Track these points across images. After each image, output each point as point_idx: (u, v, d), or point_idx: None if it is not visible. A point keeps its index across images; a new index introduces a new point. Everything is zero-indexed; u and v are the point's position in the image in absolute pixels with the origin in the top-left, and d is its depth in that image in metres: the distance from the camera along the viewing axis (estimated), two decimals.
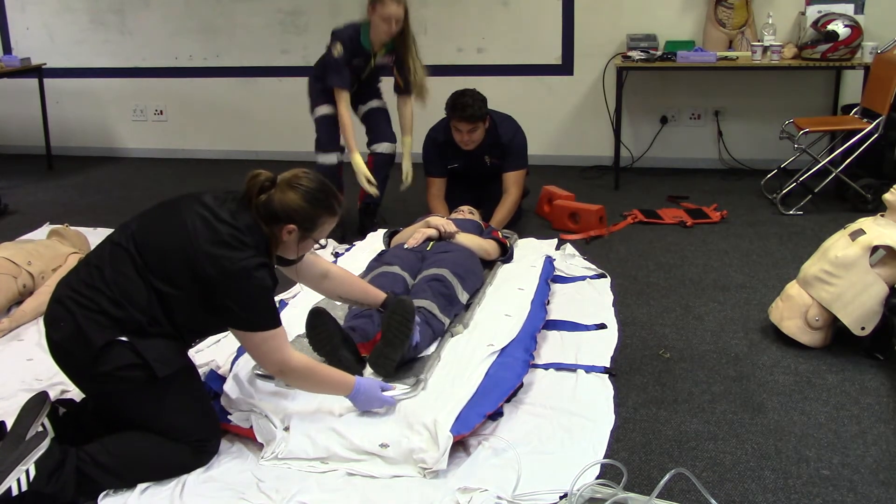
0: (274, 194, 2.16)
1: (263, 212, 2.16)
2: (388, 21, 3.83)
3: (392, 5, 3.81)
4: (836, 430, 2.36)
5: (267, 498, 2.07)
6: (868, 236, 2.75)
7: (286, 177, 2.20)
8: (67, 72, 6.34)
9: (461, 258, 3.14)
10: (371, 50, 4.01)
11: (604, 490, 2.02)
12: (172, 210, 2.19)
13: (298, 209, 2.17)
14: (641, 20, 5.39)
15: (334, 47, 3.94)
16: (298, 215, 2.17)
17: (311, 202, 2.19)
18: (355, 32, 3.98)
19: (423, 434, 2.18)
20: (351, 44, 3.96)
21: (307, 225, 2.21)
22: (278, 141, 6.13)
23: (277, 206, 2.15)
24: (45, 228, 4.39)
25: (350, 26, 4.00)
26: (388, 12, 3.81)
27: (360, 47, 3.99)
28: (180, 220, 2.13)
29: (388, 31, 3.87)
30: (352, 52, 3.97)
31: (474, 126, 3.97)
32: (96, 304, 2.08)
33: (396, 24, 3.85)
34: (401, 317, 2.44)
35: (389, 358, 2.44)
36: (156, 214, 2.22)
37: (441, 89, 4.13)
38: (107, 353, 2.06)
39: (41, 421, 2.13)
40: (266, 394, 2.40)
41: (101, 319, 2.07)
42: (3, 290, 3.22)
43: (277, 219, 2.16)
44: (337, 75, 3.96)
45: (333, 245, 4.08)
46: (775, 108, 5.30)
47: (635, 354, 2.87)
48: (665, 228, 4.30)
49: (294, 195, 2.17)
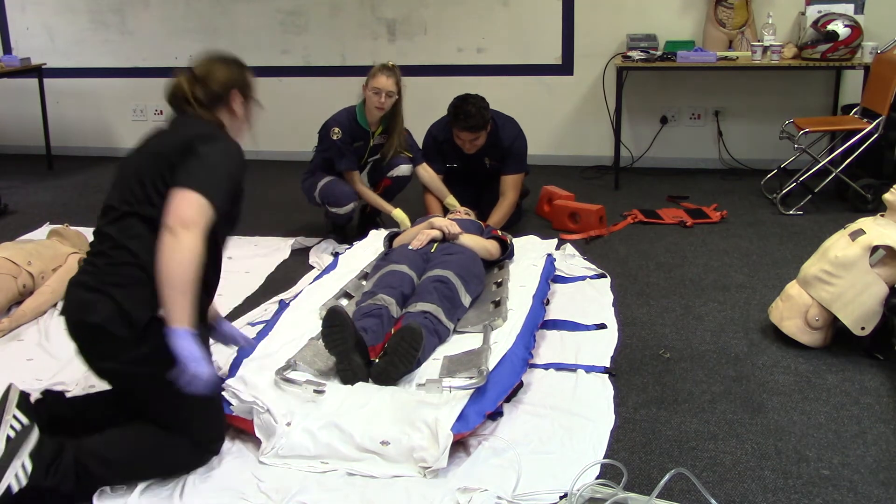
0: (205, 80, 2.23)
1: (206, 101, 2.23)
2: (378, 94, 3.88)
3: (381, 78, 3.88)
4: (836, 430, 2.36)
5: (267, 498, 2.07)
6: (868, 236, 2.75)
7: (198, 66, 2.27)
8: (67, 72, 6.34)
9: (465, 261, 3.15)
10: (369, 129, 4.04)
11: (604, 490, 2.02)
12: (129, 162, 2.23)
13: (233, 76, 2.27)
14: (641, 20, 5.39)
15: (332, 133, 3.97)
16: (236, 82, 2.27)
17: (237, 66, 2.31)
18: (350, 113, 4.04)
19: (424, 432, 2.18)
20: (349, 123, 4.00)
21: (246, 88, 2.32)
22: (278, 141, 6.12)
23: (215, 85, 2.23)
24: (45, 228, 4.39)
25: (344, 110, 4.05)
26: (378, 84, 3.87)
27: (357, 126, 4.02)
28: (140, 157, 2.19)
29: (378, 103, 3.90)
30: (350, 133, 4.00)
31: (476, 135, 3.97)
32: (127, 276, 2.02)
33: (387, 96, 3.89)
34: (408, 345, 2.51)
35: (391, 377, 2.50)
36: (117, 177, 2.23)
37: (441, 89, 4.14)
38: (148, 331, 2.00)
39: (11, 413, 2.04)
40: (269, 389, 2.39)
41: (138, 293, 2.01)
42: (3, 290, 3.22)
43: (219, 98, 2.24)
44: (343, 159, 3.98)
45: (334, 245, 4.09)
46: (775, 108, 5.30)
47: (635, 354, 2.87)
48: (665, 228, 4.30)
49: (221, 69, 2.26)
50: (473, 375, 2.41)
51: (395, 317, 2.80)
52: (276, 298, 3.42)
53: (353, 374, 2.47)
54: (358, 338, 2.55)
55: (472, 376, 2.41)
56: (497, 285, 3.25)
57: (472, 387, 2.36)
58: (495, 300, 3.08)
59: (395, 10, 5.78)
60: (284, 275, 3.78)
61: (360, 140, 4.06)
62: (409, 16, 5.77)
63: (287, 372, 2.45)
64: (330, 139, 3.99)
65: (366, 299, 2.89)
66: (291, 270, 3.83)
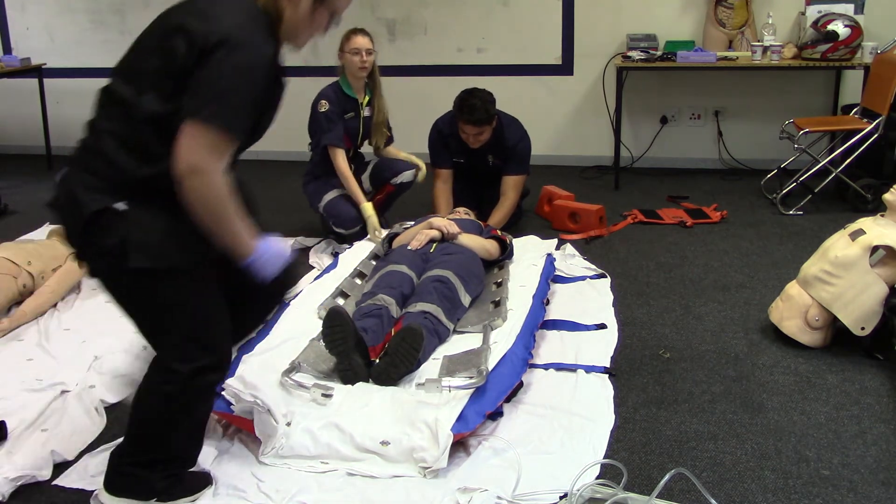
0: None
1: None
2: (357, 53, 3.92)
3: (357, 38, 3.94)
4: (836, 430, 2.36)
5: (267, 498, 2.07)
6: (868, 236, 2.75)
7: None
8: (67, 72, 6.34)
9: (465, 261, 3.15)
10: (356, 97, 4.05)
11: (604, 490, 2.02)
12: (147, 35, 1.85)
13: None
14: (641, 20, 5.39)
15: (319, 105, 3.98)
16: None
17: None
18: (335, 87, 4.05)
19: (424, 432, 2.18)
20: (336, 96, 4.01)
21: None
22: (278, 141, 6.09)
23: None
24: (45, 228, 4.39)
25: (328, 86, 4.06)
26: (356, 45, 3.92)
27: (345, 96, 4.03)
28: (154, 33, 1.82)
29: (360, 63, 3.93)
30: (340, 105, 4.01)
31: (481, 129, 3.97)
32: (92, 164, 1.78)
33: (367, 53, 3.94)
34: (409, 345, 2.51)
35: (392, 378, 2.50)
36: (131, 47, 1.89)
37: (441, 89, 4.14)
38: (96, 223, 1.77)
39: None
40: (270, 389, 2.39)
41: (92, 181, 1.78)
42: (3, 290, 3.22)
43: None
44: (328, 133, 3.97)
45: (334, 245, 4.09)
46: (775, 108, 5.30)
47: (635, 354, 2.87)
48: (665, 228, 4.30)
49: None
50: (473, 375, 2.41)
51: (394, 317, 2.80)
52: None
53: (353, 375, 2.47)
54: (358, 338, 2.55)
55: (472, 376, 2.41)
56: (497, 285, 3.25)
57: (472, 386, 2.36)
58: (495, 300, 3.08)
59: (395, 10, 5.78)
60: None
61: (351, 111, 4.05)
62: (409, 16, 5.77)
63: (293, 374, 2.45)
64: (317, 112, 3.99)
65: (365, 299, 2.89)
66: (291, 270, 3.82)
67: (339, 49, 3.99)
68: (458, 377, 2.42)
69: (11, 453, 2.28)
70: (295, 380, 2.42)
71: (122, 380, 2.72)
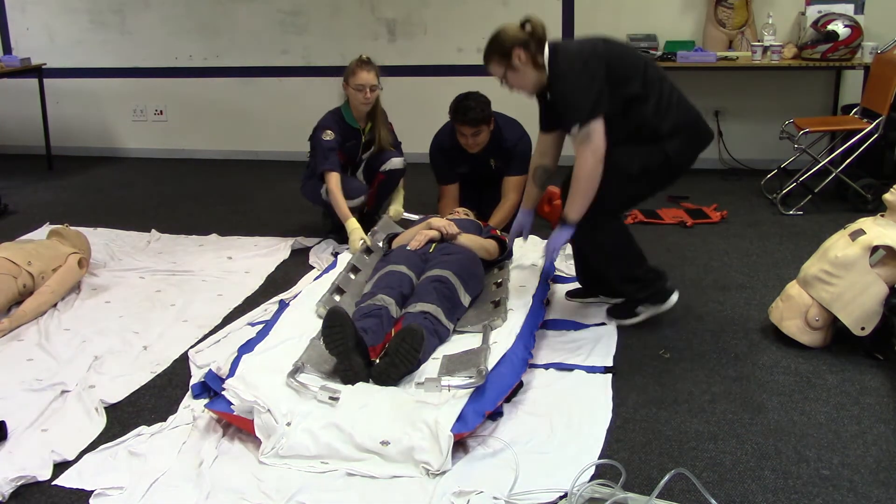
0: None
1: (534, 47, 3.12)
2: (361, 90, 3.90)
3: (362, 73, 3.91)
4: (836, 430, 2.36)
5: (267, 498, 2.07)
6: (868, 236, 2.75)
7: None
8: (67, 72, 6.34)
9: (464, 261, 3.15)
10: (358, 127, 4.06)
11: (603, 490, 2.02)
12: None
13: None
14: (641, 20, 5.39)
15: (323, 133, 3.97)
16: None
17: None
18: (338, 114, 4.05)
19: (424, 432, 2.18)
20: (338, 126, 4.00)
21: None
22: (278, 141, 6.13)
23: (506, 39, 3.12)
24: (45, 228, 4.39)
25: (329, 113, 4.06)
26: (360, 81, 3.90)
27: (347, 126, 4.03)
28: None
29: (364, 99, 3.93)
30: (342, 133, 4.00)
31: (478, 130, 3.97)
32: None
33: (371, 90, 3.92)
34: (409, 346, 2.51)
35: (392, 378, 2.51)
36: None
37: (441, 89, 4.13)
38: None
39: None
40: (270, 389, 2.39)
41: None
42: (3, 290, 3.22)
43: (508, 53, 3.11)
44: (326, 160, 3.96)
45: (333, 245, 4.09)
46: (775, 108, 5.30)
47: (635, 354, 2.87)
48: (665, 228, 4.30)
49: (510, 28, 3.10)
50: (472, 375, 2.41)
51: (394, 317, 2.80)
52: (276, 298, 3.41)
53: (353, 375, 2.47)
54: (358, 338, 2.55)
55: (471, 376, 2.41)
56: (497, 285, 3.24)
57: (471, 386, 2.36)
58: (495, 300, 3.08)
59: (395, 10, 5.78)
60: (284, 275, 3.78)
61: (353, 139, 4.06)
62: (409, 16, 5.77)
63: (298, 375, 2.45)
64: (318, 139, 3.98)
65: (365, 300, 2.89)
66: (291, 270, 3.83)
67: (344, 80, 3.98)
68: (458, 377, 2.42)
69: (11, 453, 2.28)
70: (300, 381, 2.42)
71: (122, 380, 2.72)
